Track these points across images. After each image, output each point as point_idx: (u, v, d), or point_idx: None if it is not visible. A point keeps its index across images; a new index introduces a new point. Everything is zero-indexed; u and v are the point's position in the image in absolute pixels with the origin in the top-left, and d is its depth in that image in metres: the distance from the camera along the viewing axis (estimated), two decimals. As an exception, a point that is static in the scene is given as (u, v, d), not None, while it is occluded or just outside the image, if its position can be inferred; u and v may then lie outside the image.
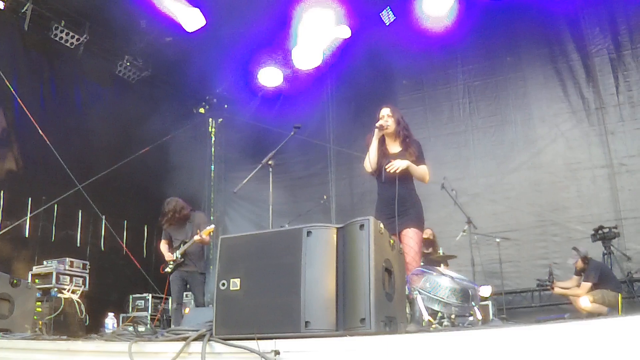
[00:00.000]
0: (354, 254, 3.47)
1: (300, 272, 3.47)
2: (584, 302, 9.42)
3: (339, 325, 3.44)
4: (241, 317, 3.63)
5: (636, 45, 12.01)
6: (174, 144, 12.55)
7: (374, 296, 3.34)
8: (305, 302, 3.42)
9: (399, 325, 3.78)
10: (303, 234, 3.53)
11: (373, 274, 3.37)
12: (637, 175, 11.52)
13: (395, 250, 3.94)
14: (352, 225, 3.53)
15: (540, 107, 12.51)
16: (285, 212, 12.15)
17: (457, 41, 12.89)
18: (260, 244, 3.75)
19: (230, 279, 3.71)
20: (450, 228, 11.22)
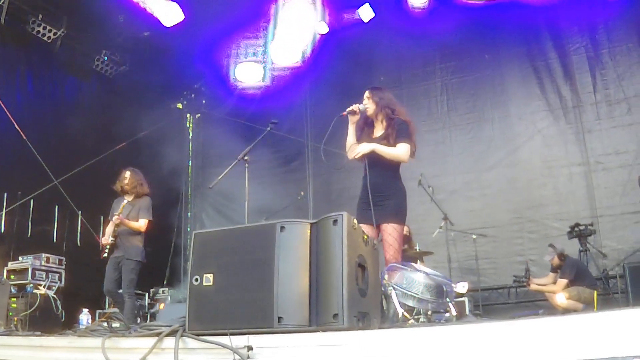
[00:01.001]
0: (327, 249, 3.48)
1: (274, 268, 3.47)
2: (559, 298, 9.48)
3: (312, 320, 3.45)
4: (214, 313, 3.64)
5: (614, 44, 12.09)
6: (152, 139, 12.46)
7: (347, 292, 3.35)
8: (279, 297, 3.43)
9: (372, 320, 3.79)
10: (276, 229, 3.54)
11: (346, 269, 3.38)
12: (613, 173, 11.60)
13: (369, 246, 3.95)
14: (326, 220, 3.54)
15: (518, 105, 12.57)
16: (263, 208, 12.08)
17: (435, 38, 12.89)
18: (233, 240, 3.76)
19: (204, 274, 3.71)
20: (427, 224, 11.24)
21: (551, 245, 10.13)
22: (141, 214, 9.20)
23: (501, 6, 11.96)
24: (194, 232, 3.89)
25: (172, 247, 13.66)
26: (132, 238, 9.16)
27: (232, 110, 14.18)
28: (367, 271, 3.80)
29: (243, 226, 3.96)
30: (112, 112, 12.32)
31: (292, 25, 11.91)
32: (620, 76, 11.95)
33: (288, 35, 12.01)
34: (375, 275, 4.13)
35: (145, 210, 9.27)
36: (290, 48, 12.21)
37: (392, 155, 6.08)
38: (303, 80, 13.59)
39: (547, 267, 10.31)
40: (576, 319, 2.83)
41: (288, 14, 11.74)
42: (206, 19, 11.96)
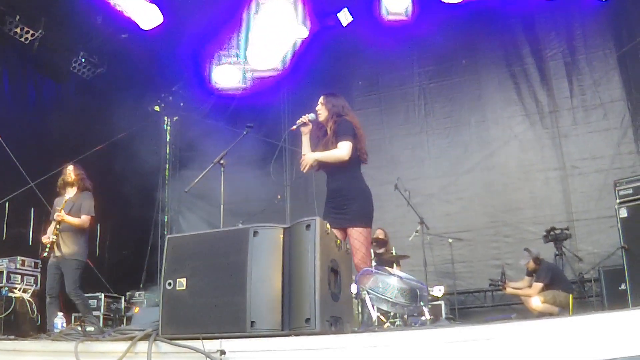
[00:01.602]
0: (300, 254, 3.50)
1: (247, 272, 3.49)
2: (535, 302, 9.56)
3: (285, 325, 3.48)
4: (187, 317, 3.65)
5: (590, 50, 12.21)
6: (129, 141, 12.39)
7: (319, 296, 3.37)
8: (251, 302, 3.45)
9: (345, 325, 3.81)
10: (250, 233, 3.56)
11: (318, 274, 3.40)
12: (589, 178, 11.70)
13: (342, 250, 3.97)
14: (299, 225, 3.56)
15: (495, 110, 12.66)
16: (239, 212, 12.10)
17: (413, 43, 13.02)
18: (206, 244, 3.77)
19: (177, 278, 3.72)
20: (404, 228, 11.29)
21: (527, 249, 10.21)
22: (83, 210, 8.90)
23: (479, 12, 12.05)
24: (168, 236, 3.90)
25: (149, 250, 13.62)
26: (74, 236, 8.84)
27: (209, 113, 14.15)
28: (340, 276, 3.82)
29: (216, 231, 3.96)
30: (89, 114, 12.23)
31: (271, 29, 11.91)
32: (596, 82, 12.07)
33: (267, 39, 12.00)
34: (348, 280, 4.16)
35: (87, 206, 8.97)
36: (269, 52, 12.20)
37: (333, 157, 6.06)
38: (281, 84, 13.59)
39: (523, 270, 10.38)
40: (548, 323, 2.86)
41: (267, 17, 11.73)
42: (185, 22, 11.94)
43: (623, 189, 8.85)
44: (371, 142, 12.48)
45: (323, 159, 6.10)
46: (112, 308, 11.44)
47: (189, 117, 14.76)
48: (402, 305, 5.23)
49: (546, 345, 2.74)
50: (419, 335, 3.04)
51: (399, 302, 5.20)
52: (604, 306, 9.38)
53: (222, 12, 11.72)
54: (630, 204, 8.65)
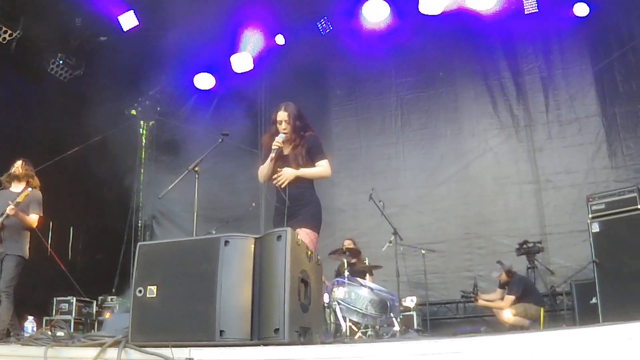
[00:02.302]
0: (271, 264, 3.51)
1: (217, 281, 3.50)
2: (506, 314, 9.60)
3: (254, 334, 3.49)
4: (157, 324, 3.64)
5: (567, 66, 12.33)
6: (104, 145, 12.32)
7: (289, 307, 3.39)
8: (221, 311, 3.46)
9: (314, 335, 3.82)
10: (221, 243, 3.56)
11: (288, 284, 3.41)
12: (562, 192, 11.79)
13: (312, 262, 3.99)
14: (270, 236, 3.57)
15: (471, 122, 12.73)
16: (214, 218, 12.12)
17: (391, 54, 13.06)
18: (177, 252, 3.76)
19: (147, 286, 3.71)
20: (378, 238, 11.28)
21: (499, 261, 10.25)
22: (32, 209, 8.53)
23: (458, 25, 12.13)
24: (139, 243, 3.89)
25: (122, 254, 13.54)
26: (19, 232, 8.49)
27: (186, 118, 14.12)
28: (310, 286, 3.83)
29: (187, 239, 3.95)
30: (65, 116, 12.12)
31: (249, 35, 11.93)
32: (572, 97, 12.18)
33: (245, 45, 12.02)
34: (318, 291, 4.17)
35: (36, 204, 8.60)
36: (247, 58, 12.22)
37: (318, 175, 6.24)
38: (258, 91, 13.62)
39: (495, 282, 10.41)
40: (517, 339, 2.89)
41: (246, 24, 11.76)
42: (164, 26, 11.91)
43: (596, 204, 8.91)
44: (347, 151, 12.64)
45: (306, 176, 6.16)
46: (84, 312, 11.38)
47: (166, 122, 14.72)
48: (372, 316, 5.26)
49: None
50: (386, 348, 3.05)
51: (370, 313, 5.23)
52: (576, 320, 9.45)
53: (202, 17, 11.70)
54: (603, 218, 8.72)
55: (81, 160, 11.98)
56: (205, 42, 12.41)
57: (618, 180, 11.15)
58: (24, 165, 8.87)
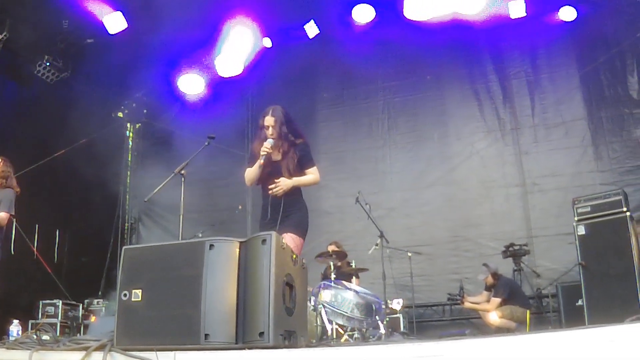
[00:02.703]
0: (256, 268, 3.52)
1: (202, 285, 3.50)
2: (492, 317, 9.63)
3: (239, 338, 3.49)
4: (142, 328, 3.64)
5: (554, 69, 12.42)
6: (90, 147, 12.26)
7: (273, 310, 3.39)
8: (206, 314, 3.46)
9: (299, 339, 3.83)
10: (205, 247, 3.57)
11: (273, 288, 3.42)
12: (548, 195, 11.85)
13: (297, 265, 3.99)
14: (255, 239, 3.58)
15: (457, 126, 12.79)
16: (201, 221, 12.11)
17: (378, 57, 13.12)
18: (163, 256, 3.76)
19: (132, 289, 3.71)
20: (365, 241, 11.27)
21: (485, 264, 10.30)
22: (2, 206, 8.35)
23: (444, 28, 12.15)
24: (124, 247, 3.89)
25: (108, 257, 13.49)
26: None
27: (173, 121, 14.07)
28: (295, 290, 3.84)
29: (172, 243, 3.95)
30: (51, 118, 12.08)
31: (237, 38, 11.92)
32: (559, 100, 12.27)
33: (233, 48, 12.01)
34: (303, 294, 4.18)
35: (7, 202, 8.42)
36: (234, 61, 12.21)
37: (310, 183, 6.34)
38: (246, 94, 13.62)
39: (481, 285, 10.46)
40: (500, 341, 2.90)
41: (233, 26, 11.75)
42: (151, 29, 11.87)
43: (581, 207, 8.97)
44: (334, 154, 12.64)
45: (300, 185, 6.25)
46: (70, 316, 11.31)
47: (152, 125, 14.68)
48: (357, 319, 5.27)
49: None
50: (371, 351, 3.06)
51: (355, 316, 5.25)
52: (562, 322, 9.50)
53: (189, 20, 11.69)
54: (588, 221, 8.79)
55: (67, 163, 11.93)
56: (193, 44, 12.41)
57: (604, 183, 11.22)
58: (4, 164, 8.76)
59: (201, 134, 8.06)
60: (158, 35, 11.85)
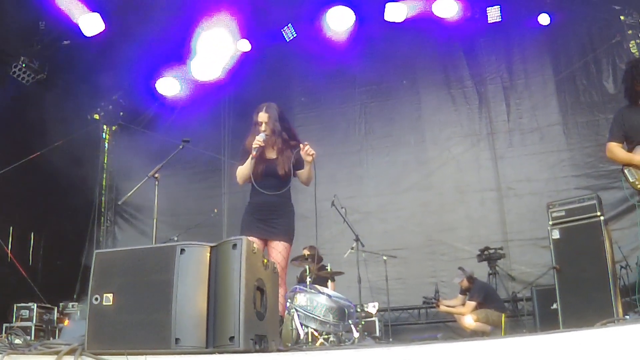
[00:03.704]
0: (226, 272, 3.53)
1: (172, 290, 3.50)
2: (468, 320, 9.69)
3: (209, 342, 3.50)
4: (113, 332, 3.63)
5: (529, 75, 12.52)
6: (66, 149, 12.16)
7: (244, 315, 3.41)
8: (176, 319, 3.46)
9: (270, 343, 3.83)
10: (176, 251, 3.57)
11: (243, 293, 3.43)
12: (523, 199, 11.94)
13: (269, 270, 4.00)
14: (225, 244, 3.59)
15: (433, 131, 12.84)
16: (177, 225, 12.05)
17: (355, 62, 13.10)
18: (134, 260, 3.76)
19: (104, 293, 3.70)
20: (340, 245, 11.26)
21: (460, 267, 10.36)
22: None
23: (421, 33, 12.24)
24: (96, 251, 3.89)
25: (84, 260, 13.40)
26: None
27: (149, 124, 14.01)
28: (266, 294, 3.85)
29: (143, 247, 3.94)
30: (27, 120, 12.00)
31: (214, 41, 11.90)
32: (534, 106, 12.37)
33: (210, 51, 11.99)
34: (275, 298, 4.18)
35: None
36: (211, 64, 12.18)
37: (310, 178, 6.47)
38: (222, 97, 13.57)
39: (457, 288, 10.50)
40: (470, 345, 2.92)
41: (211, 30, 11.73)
42: (128, 31, 11.86)
43: (556, 211, 9.00)
44: (311, 159, 12.61)
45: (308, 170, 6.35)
46: (45, 319, 11.23)
47: (129, 127, 14.58)
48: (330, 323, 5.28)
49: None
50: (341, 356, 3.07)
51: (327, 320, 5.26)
52: (537, 325, 9.53)
53: (166, 23, 11.68)
54: (563, 225, 8.80)
55: (43, 165, 11.84)
56: (171, 47, 12.38)
57: (578, 187, 11.30)
58: None
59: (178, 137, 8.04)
60: (135, 38, 11.81)
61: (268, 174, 6.19)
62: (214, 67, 12.24)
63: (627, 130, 6.23)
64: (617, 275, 8.53)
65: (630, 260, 9.76)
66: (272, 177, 6.21)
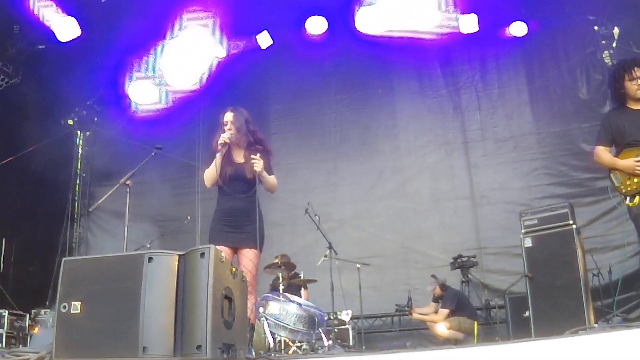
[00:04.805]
0: (194, 281, 3.54)
1: (140, 298, 3.51)
2: (440, 328, 9.71)
3: (177, 351, 3.50)
4: (81, 341, 3.63)
5: (503, 84, 12.61)
6: (40, 155, 12.06)
7: (211, 323, 3.41)
8: (144, 327, 3.46)
9: (238, 352, 3.83)
10: (144, 259, 3.57)
11: (211, 301, 3.44)
12: (497, 208, 12.00)
13: (237, 278, 4.01)
14: (193, 253, 3.59)
15: (408, 139, 12.86)
16: (151, 232, 11.98)
17: (330, 70, 13.16)
18: (102, 268, 3.76)
19: (72, 301, 3.70)
20: (316, 252, 11.18)
21: (433, 275, 10.39)
22: None
23: (397, 42, 12.24)
24: (64, 259, 3.89)
25: (56, 267, 13.29)
26: None
27: (123, 130, 13.84)
28: (234, 303, 3.85)
29: (112, 255, 3.94)
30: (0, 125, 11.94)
31: (190, 48, 11.88)
32: (508, 115, 12.45)
33: (185, 57, 11.97)
34: (243, 307, 4.19)
35: None
36: (187, 71, 12.16)
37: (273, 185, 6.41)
38: (198, 103, 13.48)
39: (431, 296, 10.52)
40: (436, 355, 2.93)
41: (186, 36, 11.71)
42: (103, 36, 11.82)
43: (528, 219, 9.07)
44: (286, 166, 12.61)
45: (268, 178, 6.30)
46: (16, 326, 11.12)
47: (102, 133, 14.48)
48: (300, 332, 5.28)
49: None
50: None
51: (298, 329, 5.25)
52: (509, 333, 9.58)
53: (142, 29, 11.64)
54: (535, 234, 8.88)
55: (15, 171, 11.75)
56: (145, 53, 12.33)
57: (551, 196, 11.34)
58: None
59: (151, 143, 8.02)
60: (110, 43, 11.78)
61: (236, 178, 6.24)
62: (189, 74, 12.21)
63: (613, 133, 6.28)
64: (588, 283, 8.62)
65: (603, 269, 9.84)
66: (240, 181, 6.25)
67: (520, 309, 9.22)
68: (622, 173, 6.15)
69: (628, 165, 6.05)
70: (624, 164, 6.11)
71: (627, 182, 6.09)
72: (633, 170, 5.99)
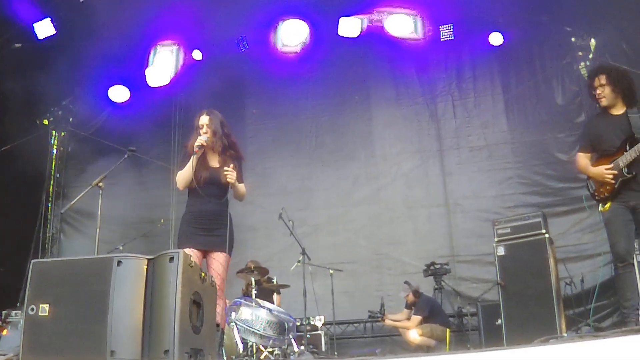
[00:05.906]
0: (163, 285, 3.54)
1: (108, 302, 3.50)
2: (413, 335, 9.76)
3: (144, 355, 3.50)
4: (49, 343, 3.62)
5: (479, 93, 12.67)
6: (13, 155, 11.98)
7: (179, 328, 3.41)
8: (112, 331, 3.46)
9: (206, 357, 3.84)
10: (113, 263, 3.57)
11: (179, 306, 3.44)
12: (470, 215, 12.06)
13: (206, 283, 4.01)
14: (163, 257, 3.59)
15: (383, 146, 12.88)
16: (125, 234, 11.90)
17: (307, 76, 13.10)
18: (71, 271, 3.75)
19: (40, 304, 3.68)
20: (290, 257, 11.10)
21: (406, 282, 10.44)
22: None
23: (374, 49, 12.36)
24: (32, 261, 3.87)
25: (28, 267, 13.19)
26: None
27: (98, 131, 13.73)
28: (203, 308, 3.85)
29: (80, 258, 3.95)
30: (-26, 124, 11.85)
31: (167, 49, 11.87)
32: (483, 124, 12.53)
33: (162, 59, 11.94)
34: (212, 312, 4.19)
35: None
36: (163, 72, 12.13)
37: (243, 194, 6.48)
38: (173, 106, 13.45)
39: (404, 302, 10.56)
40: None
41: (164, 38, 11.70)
42: (80, 36, 11.75)
43: (501, 228, 9.17)
44: (261, 170, 12.63)
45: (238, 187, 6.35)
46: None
47: (77, 133, 14.36)
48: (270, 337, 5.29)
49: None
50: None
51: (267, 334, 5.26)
52: (481, 340, 9.65)
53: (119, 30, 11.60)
54: (508, 242, 8.98)
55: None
56: (122, 54, 12.29)
57: (525, 205, 11.41)
58: None
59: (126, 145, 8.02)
60: (87, 43, 11.71)
61: (211, 182, 6.26)
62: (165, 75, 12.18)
63: (592, 139, 6.35)
64: (560, 291, 8.71)
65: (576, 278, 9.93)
66: (214, 185, 6.28)
67: (492, 317, 9.28)
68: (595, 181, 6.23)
69: (598, 173, 6.14)
70: (594, 171, 6.20)
71: (600, 189, 6.18)
72: (603, 178, 6.07)
